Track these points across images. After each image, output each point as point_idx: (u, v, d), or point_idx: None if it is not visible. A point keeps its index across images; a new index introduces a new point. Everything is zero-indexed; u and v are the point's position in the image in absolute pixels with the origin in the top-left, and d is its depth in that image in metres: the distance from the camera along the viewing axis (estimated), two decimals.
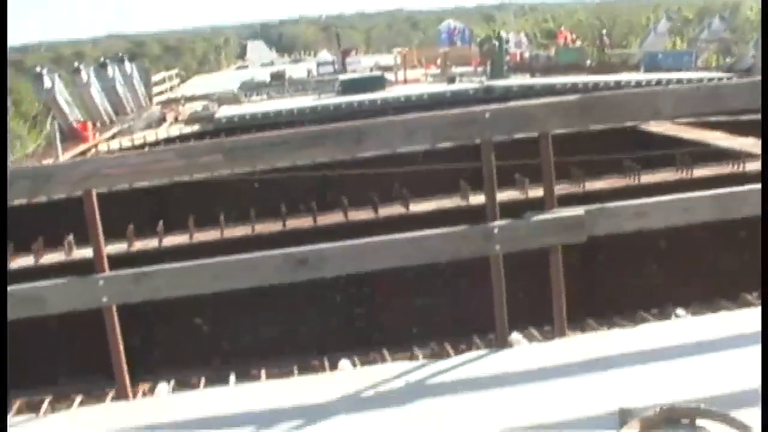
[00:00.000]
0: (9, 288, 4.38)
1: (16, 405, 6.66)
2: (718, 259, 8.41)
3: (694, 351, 4.32)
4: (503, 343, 4.80)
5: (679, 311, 6.86)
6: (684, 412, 3.49)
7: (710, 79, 19.91)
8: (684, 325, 5.36)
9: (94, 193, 4.52)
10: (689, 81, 19.84)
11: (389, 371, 4.54)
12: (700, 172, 9.00)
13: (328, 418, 3.99)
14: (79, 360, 8.06)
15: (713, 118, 11.78)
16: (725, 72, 23.85)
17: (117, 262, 4.74)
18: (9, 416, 5.40)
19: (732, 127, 10.86)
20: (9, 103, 21.03)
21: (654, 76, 24.10)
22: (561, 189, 6.42)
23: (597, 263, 8.33)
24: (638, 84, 22.32)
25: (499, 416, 3.80)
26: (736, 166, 8.96)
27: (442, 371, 4.44)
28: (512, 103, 4.97)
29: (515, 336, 5.50)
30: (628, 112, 4.98)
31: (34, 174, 4.60)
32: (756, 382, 3.63)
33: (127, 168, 4.50)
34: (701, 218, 4.89)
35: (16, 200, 11.12)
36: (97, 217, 4.51)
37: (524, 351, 4.82)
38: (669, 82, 20.72)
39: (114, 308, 4.58)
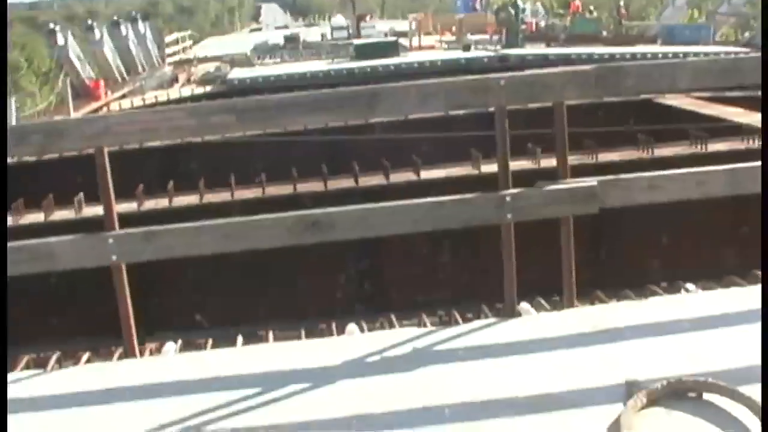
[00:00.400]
0: (21, 242, 4.39)
1: (23, 361, 6.70)
2: (730, 235, 8.37)
3: (703, 325, 4.31)
4: (511, 313, 4.79)
5: (689, 286, 6.84)
6: (691, 385, 3.49)
7: (728, 54, 19.72)
8: (694, 300, 5.35)
9: (105, 150, 4.50)
10: (706, 55, 19.66)
11: (397, 337, 4.54)
12: (714, 146, 8.94)
13: (335, 381, 3.99)
14: (88, 320, 8.09)
15: (731, 93, 11.69)
16: (743, 47, 23.65)
17: (126, 221, 4.73)
18: (16, 371, 5.45)
19: (750, 103, 10.76)
20: (22, 60, 20.99)
21: (671, 49, 23.91)
22: (574, 159, 6.37)
23: (608, 235, 8.30)
24: (654, 57, 22.14)
25: (505, 384, 3.79)
26: (751, 142, 8.89)
27: (449, 338, 4.43)
28: (528, 72, 4.92)
29: (524, 305, 5.50)
30: (644, 84, 4.92)
31: (46, 129, 4.58)
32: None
33: (138, 125, 4.48)
34: (715, 193, 4.84)
35: (27, 156, 11.22)
36: (108, 174, 4.51)
37: (532, 320, 4.82)
38: (686, 55, 20.54)
39: (123, 267, 4.58)
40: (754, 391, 3.32)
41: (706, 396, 3.46)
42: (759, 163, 4.71)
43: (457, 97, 4.62)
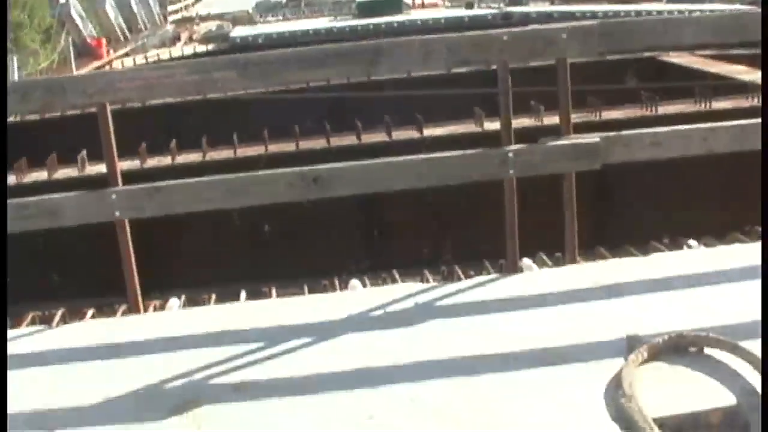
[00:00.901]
0: (26, 199, 4.41)
1: (29, 317, 6.75)
2: (734, 191, 8.35)
3: (704, 281, 4.31)
4: (513, 269, 4.81)
5: (692, 242, 6.85)
6: (692, 340, 3.50)
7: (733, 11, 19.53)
8: (695, 256, 5.36)
9: (108, 107, 4.50)
10: (712, 12, 19.48)
11: (399, 292, 4.56)
12: (718, 104, 8.89)
13: (337, 336, 4.02)
14: (93, 279, 8.12)
15: (736, 51, 11.60)
16: (749, 4, 23.44)
17: (129, 178, 4.74)
18: (21, 327, 5.49)
19: (755, 61, 10.67)
20: (24, 17, 20.90)
21: (676, 6, 23.67)
22: (577, 117, 6.35)
23: (610, 192, 8.29)
24: (659, 14, 21.95)
25: (507, 339, 3.81)
26: (755, 100, 8.83)
27: (451, 294, 4.45)
28: (531, 27, 4.89)
29: (526, 262, 5.52)
30: (648, 39, 4.91)
31: (48, 86, 4.57)
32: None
33: (141, 81, 4.47)
34: (718, 149, 4.84)
35: (29, 115, 11.20)
36: (111, 130, 4.51)
37: (534, 276, 4.84)
38: (691, 12, 20.36)
39: (127, 223, 4.60)
40: (755, 346, 3.33)
41: (707, 350, 3.47)
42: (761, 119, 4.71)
43: (459, 53, 4.60)
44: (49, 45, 24.07)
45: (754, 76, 10.15)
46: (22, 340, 4.29)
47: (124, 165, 5.97)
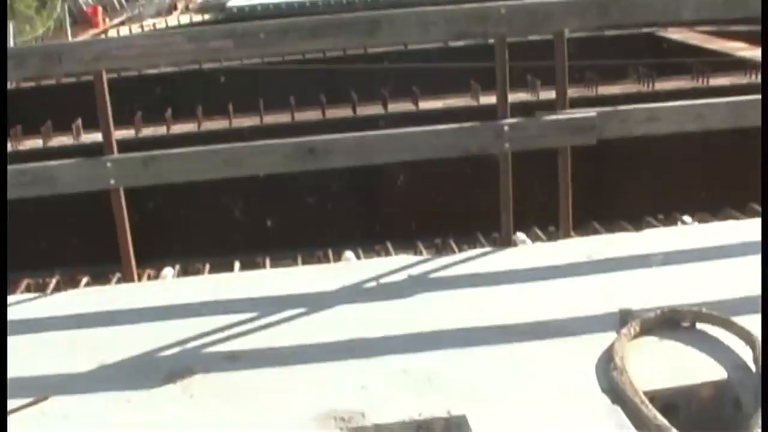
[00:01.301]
0: (21, 166, 4.40)
1: (23, 284, 6.76)
2: (729, 168, 8.36)
3: (698, 257, 4.33)
4: (508, 242, 4.82)
5: (686, 218, 6.86)
6: (685, 314, 3.52)
7: None
8: (690, 232, 5.38)
9: (104, 74, 4.48)
10: None
11: (392, 264, 4.57)
12: (716, 81, 8.88)
13: (330, 307, 4.03)
14: (88, 247, 8.12)
15: (735, 28, 11.57)
16: None
17: (124, 147, 4.73)
18: (16, 294, 5.49)
19: (754, 38, 10.64)
20: None
21: None
22: (574, 92, 6.35)
23: (605, 167, 8.29)
24: None
25: (499, 312, 3.83)
26: (753, 76, 8.82)
27: (444, 266, 4.46)
28: (529, 0, 4.87)
29: (520, 235, 5.53)
30: (647, 14, 4.88)
31: (44, 52, 4.55)
32: (759, 290, 3.65)
33: (137, 50, 4.45)
34: (715, 125, 4.83)
35: (24, 82, 11.15)
36: (107, 98, 4.49)
37: (528, 250, 4.85)
38: None
39: (121, 191, 4.59)
40: (747, 322, 3.35)
41: (699, 326, 3.49)
42: (759, 96, 4.70)
43: (457, 25, 4.58)
44: (45, 12, 23.90)
45: (753, 52, 10.12)
46: (16, 306, 4.30)
47: (119, 134, 5.94)
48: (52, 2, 22.66)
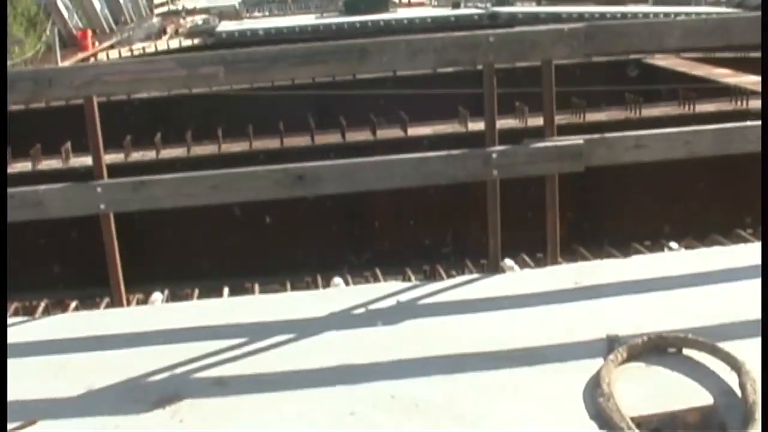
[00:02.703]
0: (10, 190, 4.40)
1: (12, 307, 6.73)
2: (715, 195, 8.43)
3: (685, 283, 4.35)
4: (495, 269, 4.84)
5: (673, 244, 6.90)
6: (671, 341, 3.55)
7: (719, 14, 19.65)
8: (676, 258, 5.41)
9: (95, 99, 4.50)
10: (698, 15, 19.59)
11: (382, 290, 4.58)
12: (702, 107, 8.96)
13: (319, 332, 4.04)
14: (77, 271, 8.11)
15: (720, 54, 11.69)
16: (735, 7, 23.55)
17: (113, 171, 4.74)
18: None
19: (739, 64, 10.77)
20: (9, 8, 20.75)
21: (662, 9, 23.78)
22: (562, 119, 6.40)
23: (592, 194, 8.35)
24: (646, 16, 22.05)
25: (487, 338, 3.84)
26: (739, 103, 8.91)
27: (433, 292, 4.48)
28: (516, 29, 4.92)
29: (507, 262, 5.55)
30: (633, 43, 4.94)
31: (35, 77, 4.56)
32: (745, 316, 3.69)
33: (128, 75, 4.47)
34: (701, 152, 4.87)
35: (14, 105, 11.14)
36: (98, 123, 4.51)
37: (515, 276, 4.87)
38: (677, 15, 20.45)
39: (111, 216, 4.60)
40: (733, 347, 3.38)
41: (685, 351, 3.52)
42: (746, 123, 4.76)
43: (445, 53, 4.62)
44: (34, 34, 23.93)
45: (738, 79, 10.25)
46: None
47: (108, 158, 5.96)
48: (41, 24, 22.68)
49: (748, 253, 4.68)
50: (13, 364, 3.82)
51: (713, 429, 3.15)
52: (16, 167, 8.44)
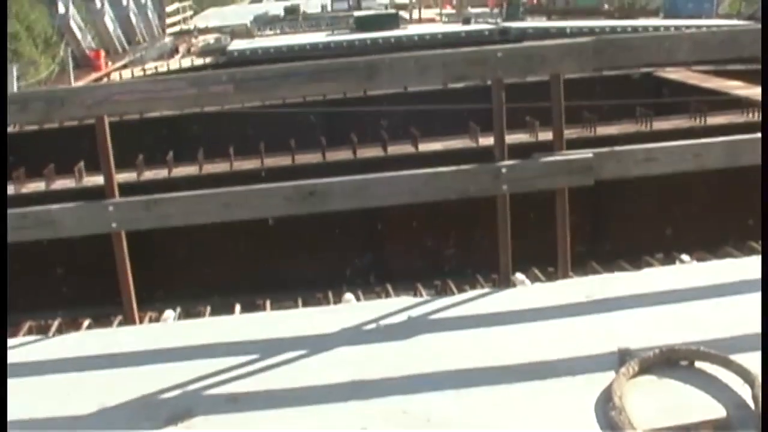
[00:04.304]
0: (24, 209, 4.43)
1: (25, 326, 6.77)
2: (727, 207, 8.40)
3: (697, 296, 4.35)
4: (506, 283, 4.84)
5: (684, 257, 6.88)
6: (683, 353, 3.53)
7: (730, 27, 19.61)
8: (688, 271, 5.39)
9: (106, 119, 4.53)
10: (708, 28, 19.57)
11: (393, 305, 4.58)
12: (713, 119, 8.95)
13: (331, 349, 4.04)
14: (90, 290, 8.15)
15: (731, 67, 11.68)
16: (746, 20, 23.54)
17: (126, 190, 4.76)
18: (18, 337, 5.50)
19: (750, 76, 10.76)
20: (20, 28, 20.93)
21: (673, 22, 23.81)
22: (572, 133, 6.40)
23: (603, 207, 8.34)
24: (656, 30, 22.07)
25: (499, 353, 3.84)
26: (750, 115, 8.90)
27: (444, 308, 4.48)
28: (525, 44, 4.93)
29: (519, 276, 5.54)
30: (642, 56, 4.93)
31: (48, 97, 4.60)
32: (757, 328, 3.67)
33: (139, 94, 4.50)
34: (711, 165, 4.86)
35: (28, 125, 11.24)
36: (109, 143, 4.54)
37: (527, 291, 4.86)
38: (688, 28, 20.46)
39: (123, 234, 4.63)
40: (745, 360, 3.36)
41: (698, 364, 3.50)
42: (756, 135, 4.74)
43: (454, 69, 4.64)
44: (48, 55, 24.13)
45: (749, 91, 10.22)
46: (19, 349, 4.31)
47: (121, 177, 6.00)
48: (55, 45, 22.87)
49: (761, 265, 4.66)
50: (27, 383, 3.86)
51: None
52: (30, 187, 8.51)
